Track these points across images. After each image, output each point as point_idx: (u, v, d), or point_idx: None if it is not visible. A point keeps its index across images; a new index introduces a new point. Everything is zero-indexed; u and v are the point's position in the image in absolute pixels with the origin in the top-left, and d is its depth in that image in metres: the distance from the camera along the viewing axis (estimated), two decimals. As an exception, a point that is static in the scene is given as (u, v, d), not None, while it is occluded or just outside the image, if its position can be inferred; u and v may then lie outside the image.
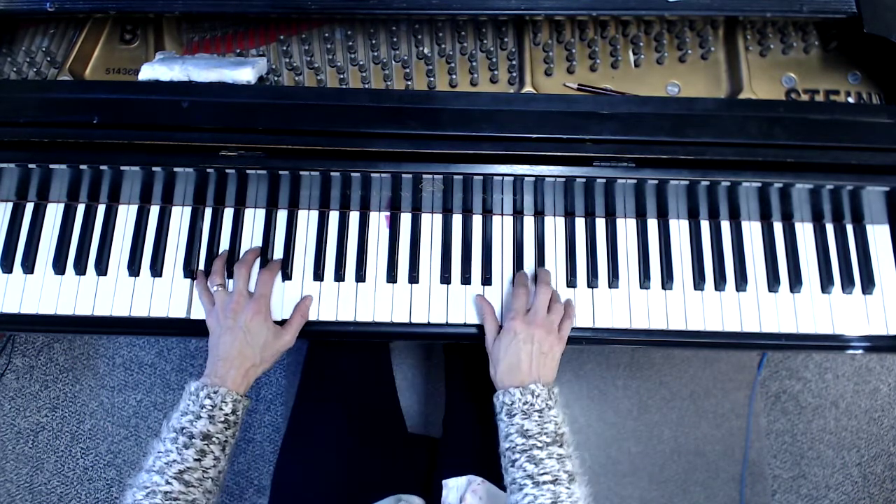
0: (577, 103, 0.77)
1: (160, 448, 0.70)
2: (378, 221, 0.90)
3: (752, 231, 0.89)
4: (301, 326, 0.84)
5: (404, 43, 0.89)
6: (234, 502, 1.58)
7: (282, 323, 0.83)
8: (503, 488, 0.84)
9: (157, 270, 0.87)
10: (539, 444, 0.69)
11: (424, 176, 0.79)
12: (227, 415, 0.72)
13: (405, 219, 0.90)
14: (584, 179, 0.79)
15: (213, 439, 0.70)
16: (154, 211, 0.90)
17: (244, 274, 0.82)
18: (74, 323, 0.87)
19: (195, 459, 0.69)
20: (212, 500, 0.70)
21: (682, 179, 0.78)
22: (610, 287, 0.87)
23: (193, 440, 0.69)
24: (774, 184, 0.78)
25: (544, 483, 0.66)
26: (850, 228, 0.89)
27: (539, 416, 0.71)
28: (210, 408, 0.72)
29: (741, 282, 0.87)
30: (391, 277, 0.87)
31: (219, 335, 0.78)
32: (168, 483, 0.66)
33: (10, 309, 0.86)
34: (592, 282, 0.87)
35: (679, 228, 0.89)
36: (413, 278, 0.87)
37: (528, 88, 0.87)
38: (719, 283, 0.87)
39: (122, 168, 0.79)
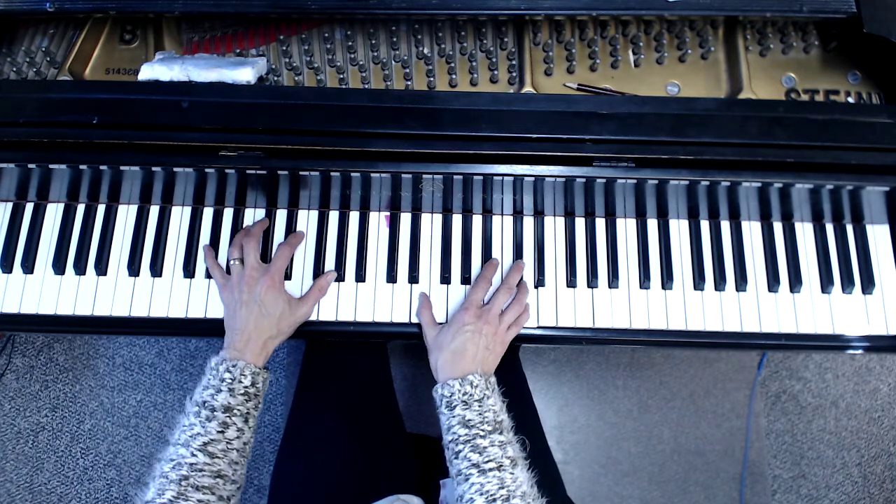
0: (577, 103, 0.77)
1: (184, 422, 0.71)
2: (378, 221, 0.90)
3: (752, 231, 0.89)
4: (318, 300, 0.85)
5: (404, 43, 0.89)
6: (234, 502, 1.58)
7: None
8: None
9: (156, 270, 0.87)
10: (481, 433, 0.70)
11: (424, 176, 0.79)
12: (246, 387, 0.74)
13: (405, 219, 0.90)
14: (583, 179, 0.79)
15: (235, 411, 0.72)
16: (154, 211, 0.90)
17: (254, 245, 0.83)
18: (74, 323, 0.87)
19: (218, 431, 0.70)
20: (238, 470, 0.71)
21: (682, 179, 0.78)
22: (610, 287, 0.87)
23: (215, 413, 0.71)
24: (774, 184, 0.78)
25: (490, 470, 0.67)
26: (850, 228, 0.89)
27: (479, 406, 0.72)
28: (230, 381, 0.73)
29: (741, 282, 0.87)
30: (391, 277, 0.87)
31: (235, 309, 0.80)
32: (193, 455, 0.67)
33: (10, 309, 0.86)
34: (592, 282, 0.87)
35: (679, 228, 0.89)
36: (413, 278, 0.87)
37: (528, 88, 0.87)
38: (719, 283, 0.87)
39: (122, 168, 0.79)
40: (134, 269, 0.87)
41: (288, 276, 0.87)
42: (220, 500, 0.67)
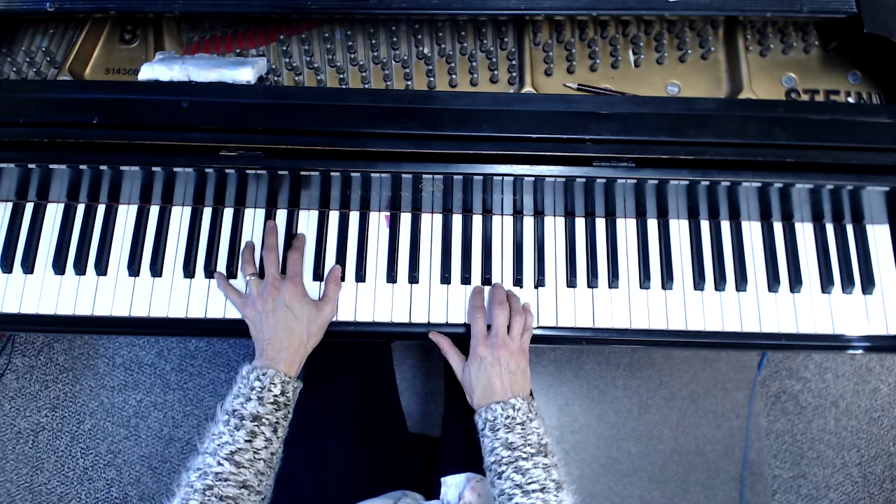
0: (577, 103, 0.77)
1: (214, 430, 0.71)
2: (378, 221, 0.90)
3: (752, 231, 0.89)
4: (337, 294, 0.85)
5: (404, 43, 0.89)
6: (234, 502, 1.57)
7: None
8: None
9: (156, 270, 0.87)
10: (524, 455, 0.69)
11: (424, 176, 0.79)
12: (276, 396, 0.73)
13: (405, 219, 0.90)
14: (583, 179, 0.79)
15: (264, 420, 0.71)
16: (154, 211, 0.90)
17: (274, 259, 0.83)
18: (74, 323, 0.87)
19: (246, 441, 0.69)
20: (264, 481, 0.70)
21: (682, 179, 0.78)
22: (610, 287, 0.87)
23: (244, 422, 0.70)
24: (774, 184, 0.78)
25: (533, 492, 0.66)
26: (850, 228, 0.89)
27: (521, 429, 0.71)
28: (259, 389, 0.72)
29: (741, 282, 0.87)
30: (391, 277, 0.87)
31: (261, 321, 0.79)
32: (220, 464, 0.67)
33: (10, 309, 0.86)
34: (592, 282, 0.87)
35: (679, 228, 0.89)
36: (413, 278, 0.87)
37: (528, 88, 0.87)
38: (719, 283, 0.87)
39: (122, 168, 0.79)
40: (134, 269, 0.87)
41: (288, 276, 0.87)
42: None
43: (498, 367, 0.77)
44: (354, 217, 0.90)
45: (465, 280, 0.87)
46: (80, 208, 0.90)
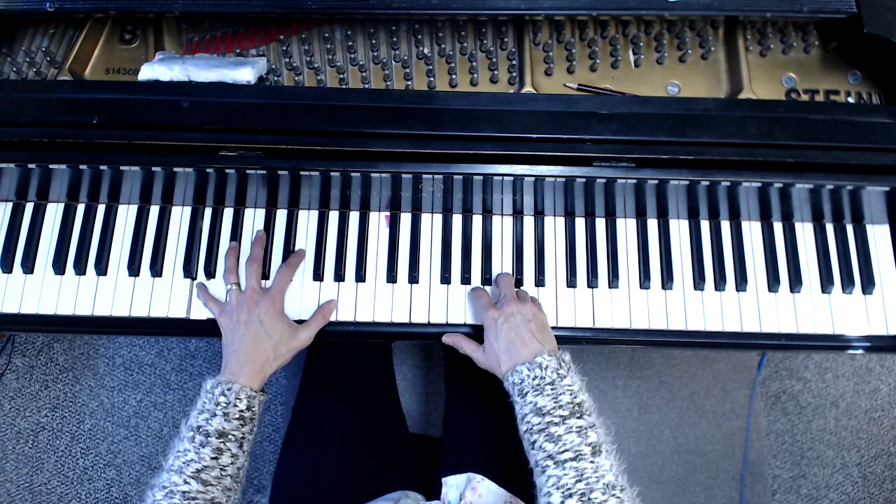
0: (577, 103, 0.77)
1: (179, 447, 0.69)
2: (378, 221, 0.90)
3: (752, 231, 0.89)
4: (320, 327, 0.83)
5: (404, 43, 0.89)
6: (234, 502, 1.57)
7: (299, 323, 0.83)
8: (503, 486, 0.84)
9: (156, 270, 0.87)
10: (556, 420, 0.65)
11: (424, 176, 0.79)
12: (241, 411, 0.72)
13: (405, 219, 0.90)
14: (583, 179, 0.79)
15: (230, 436, 0.70)
16: (154, 211, 0.90)
17: (256, 270, 0.83)
18: (74, 323, 0.87)
19: (212, 458, 0.68)
20: (232, 496, 0.69)
21: (682, 179, 0.78)
22: (610, 287, 0.87)
23: (210, 438, 0.69)
24: (774, 184, 0.78)
25: (566, 461, 0.62)
26: (850, 228, 0.89)
27: (552, 389, 0.67)
28: (224, 405, 0.71)
29: (741, 282, 0.87)
30: (391, 277, 0.87)
31: (233, 332, 0.78)
32: (186, 483, 0.66)
33: (10, 309, 0.86)
34: (592, 282, 0.87)
35: (679, 228, 0.89)
36: (413, 278, 0.87)
37: (528, 88, 0.87)
38: (719, 283, 0.87)
39: (122, 168, 0.79)
40: (134, 269, 0.87)
41: (288, 276, 0.87)
42: None
43: (514, 320, 0.73)
44: (354, 217, 0.90)
45: (466, 280, 0.87)
46: (80, 208, 0.90)
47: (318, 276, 0.87)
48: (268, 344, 0.77)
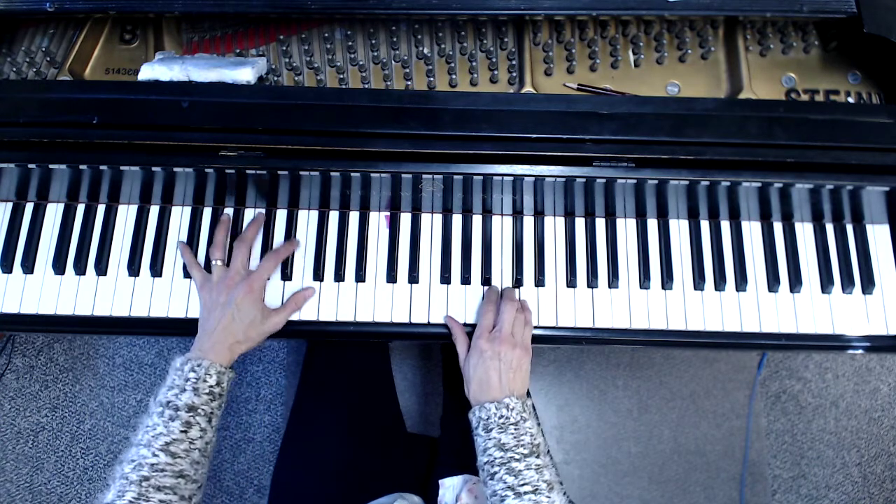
0: (577, 103, 0.77)
1: (147, 422, 0.71)
2: (378, 221, 0.90)
3: (752, 231, 0.89)
4: (292, 313, 0.84)
5: (404, 43, 0.89)
6: (234, 502, 1.58)
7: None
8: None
9: (156, 270, 0.87)
10: (517, 457, 0.69)
11: (424, 176, 0.79)
12: (211, 387, 0.73)
13: (405, 219, 0.90)
14: (583, 179, 0.79)
15: (199, 411, 0.71)
16: (154, 211, 0.90)
17: (243, 251, 0.83)
18: (74, 323, 0.87)
19: (181, 431, 0.69)
20: (199, 470, 0.71)
21: (682, 179, 0.78)
22: (610, 287, 0.87)
23: (179, 412, 0.70)
24: (774, 184, 0.78)
25: (525, 493, 0.66)
26: (850, 228, 0.89)
27: (515, 429, 0.71)
28: (195, 380, 0.73)
29: (741, 282, 0.87)
30: (391, 277, 0.87)
31: (210, 310, 0.80)
32: (155, 455, 0.67)
33: (10, 309, 0.86)
34: (592, 282, 0.87)
35: (679, 228, 0.89)
36: (413, 278, 0.87)
37: (528, 88, 0.87)
38: (719, 283, 0.87)
39: (122, 168, 0.79)
40: (134, 269, 0.87)
41: (288, 277, 0.87)
42: (182, 500, 0.67)
43: (497, 362, 0.77)
44: (354, 217, 0.90)
45: (465, 280, 0.87)
46: (80, 208, 0.90)
47: (318, 276, 0.87)
48: (240, 326, 0.78)
